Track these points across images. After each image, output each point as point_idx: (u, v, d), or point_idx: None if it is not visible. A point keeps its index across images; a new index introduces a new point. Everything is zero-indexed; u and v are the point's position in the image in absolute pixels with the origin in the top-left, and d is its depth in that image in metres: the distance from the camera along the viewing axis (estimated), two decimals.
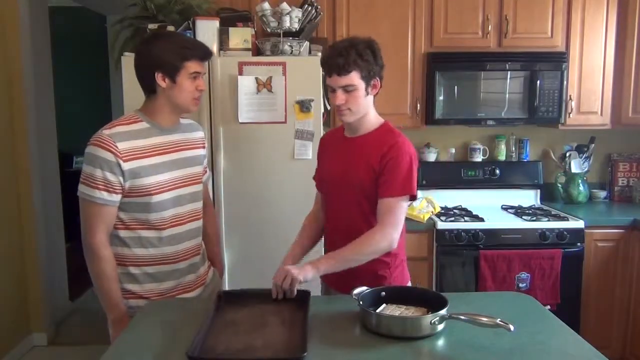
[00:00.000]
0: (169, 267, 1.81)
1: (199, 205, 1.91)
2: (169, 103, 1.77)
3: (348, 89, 1.74)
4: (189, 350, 1.24)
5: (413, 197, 1.78)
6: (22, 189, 3.44)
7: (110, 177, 1.66)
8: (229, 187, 2.53)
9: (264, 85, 2.48)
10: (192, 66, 1.74)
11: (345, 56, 1.71)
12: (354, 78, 1.73)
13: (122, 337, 1.48)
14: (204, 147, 1.98)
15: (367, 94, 1.78)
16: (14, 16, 3.34)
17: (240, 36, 2.54)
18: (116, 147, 1.66)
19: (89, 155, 1.68)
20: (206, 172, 2.05)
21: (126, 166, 1.68)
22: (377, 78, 1.79)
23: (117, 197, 1.69)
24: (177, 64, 1.72)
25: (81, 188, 1.69)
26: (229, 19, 2.63)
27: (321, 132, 2.55)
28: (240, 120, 2.49)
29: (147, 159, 1.73)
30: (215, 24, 2.55)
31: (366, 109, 1.81)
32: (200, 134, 1.98)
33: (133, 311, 1.73)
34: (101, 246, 1.70)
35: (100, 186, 1.66)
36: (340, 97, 1.75)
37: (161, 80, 1.73)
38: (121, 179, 1.68)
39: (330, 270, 1.69)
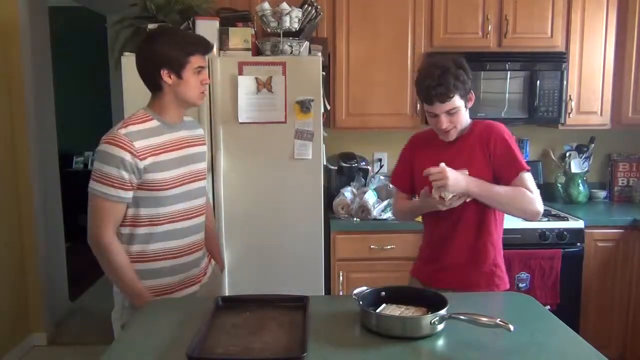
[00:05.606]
0: (174, 262, 1.83)
1: (204, 200, 1.95)
2: (176, 99, 1.80)
3: (451, 112, 1.81)
4: (189, 351, 1.24)
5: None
6: (22, 189, 3.44)
7: (125, 175, 1.68)
8: (229, 187, 2.53)
9: (264, 85, 2.48)
10: (196, 61, 1.77)
11: (445, 84, 1.76)
12: (456, 101, 1.80)
13: (122, 337, 1.48)
14: (204, 144, 2.00)
15: (466, 108, 1.86)
16: (14, 16, 3.34)
17: (240, 36, 2.54)
18: (133, 146, 1.68)
19: (104, 154, 1.69)
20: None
21: (142, 164, 1.70)
22: (471, 91, 1.86)
23: (130, 194, 1.72)
24: (182, 59, 1.75)
25: (94, 185, 1.70)
26: (229, 19, 2.62)
27: (321, 132, 2.54)
28: (240, 120, 2.49)
29: (161, 156, 1.75)
30: (215, 24, 2.54)
31: (466, 120, 1.88)
32: (200, 132, 2.01)
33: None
34: (112, 241, 1.73)
35: (116, 184, 1.68)
36: (444, 121, 1.82)
37: (167, 77, 1.75)
38: (134, 177, 1.70)
39: (475, 194, 1.75)
